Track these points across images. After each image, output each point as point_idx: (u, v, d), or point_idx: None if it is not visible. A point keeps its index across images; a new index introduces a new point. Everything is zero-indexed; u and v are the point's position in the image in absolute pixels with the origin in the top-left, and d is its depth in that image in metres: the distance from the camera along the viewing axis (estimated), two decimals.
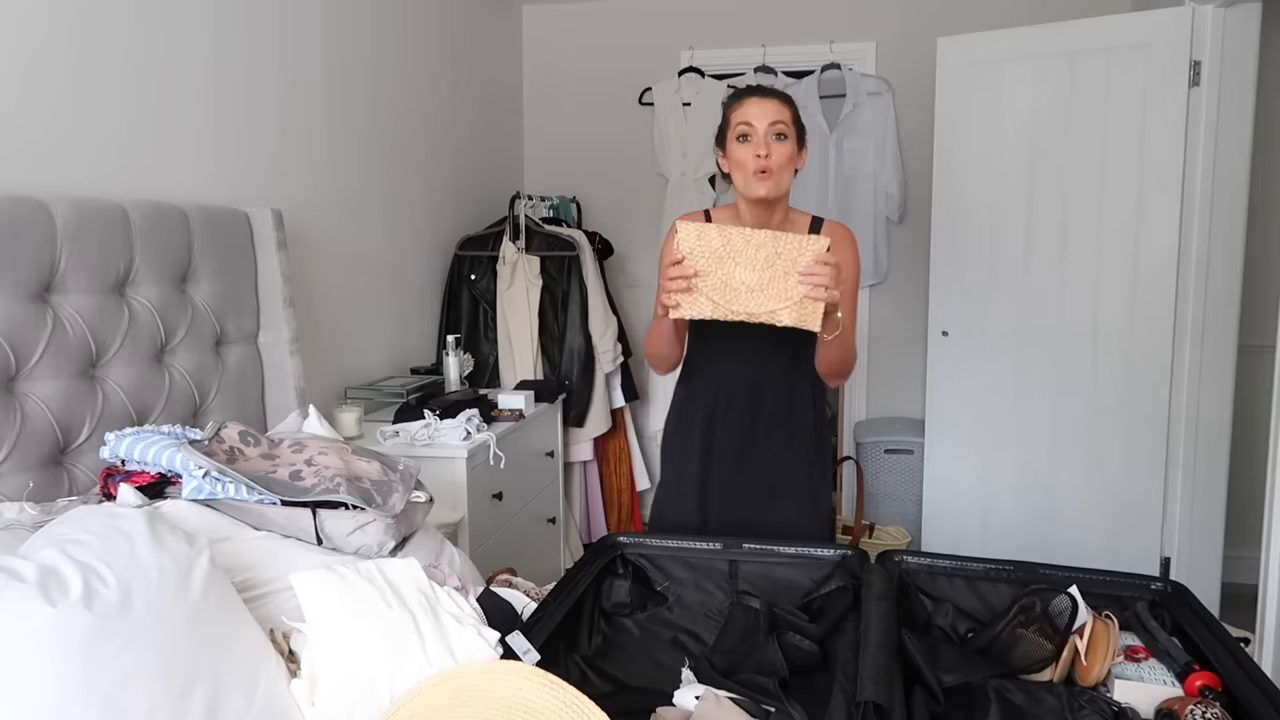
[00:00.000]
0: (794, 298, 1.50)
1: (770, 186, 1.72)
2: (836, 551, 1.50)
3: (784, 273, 1.51)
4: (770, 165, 1.71)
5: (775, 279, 1.51)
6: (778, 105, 1.74)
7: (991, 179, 3.23)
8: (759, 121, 1.72)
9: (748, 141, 1.73)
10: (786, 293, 1.51)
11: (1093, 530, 3.14)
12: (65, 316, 1.64)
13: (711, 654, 1.34)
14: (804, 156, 1.81)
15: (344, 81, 2.79)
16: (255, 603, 1.32)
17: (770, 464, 1.87)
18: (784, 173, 1.74)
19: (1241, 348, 2.98)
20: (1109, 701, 1.18)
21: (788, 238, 1.53)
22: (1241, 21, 2.80)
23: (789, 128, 1.74)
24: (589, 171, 4.13)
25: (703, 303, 1.53)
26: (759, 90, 1.78)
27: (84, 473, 1.66)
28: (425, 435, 2.47)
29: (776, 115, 1.73)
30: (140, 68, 1.99)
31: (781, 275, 1.51)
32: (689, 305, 1.54)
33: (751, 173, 1.72)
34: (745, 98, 1.77)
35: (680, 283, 1.52)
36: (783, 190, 1.76)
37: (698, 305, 1.54)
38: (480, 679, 1.09)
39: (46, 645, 0.95)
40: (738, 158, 1.75)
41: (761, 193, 1.72)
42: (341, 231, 2.80)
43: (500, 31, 3.98)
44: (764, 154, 1.70)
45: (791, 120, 1.75)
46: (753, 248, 1.51)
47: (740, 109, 1.75)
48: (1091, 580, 1.40)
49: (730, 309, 1.53)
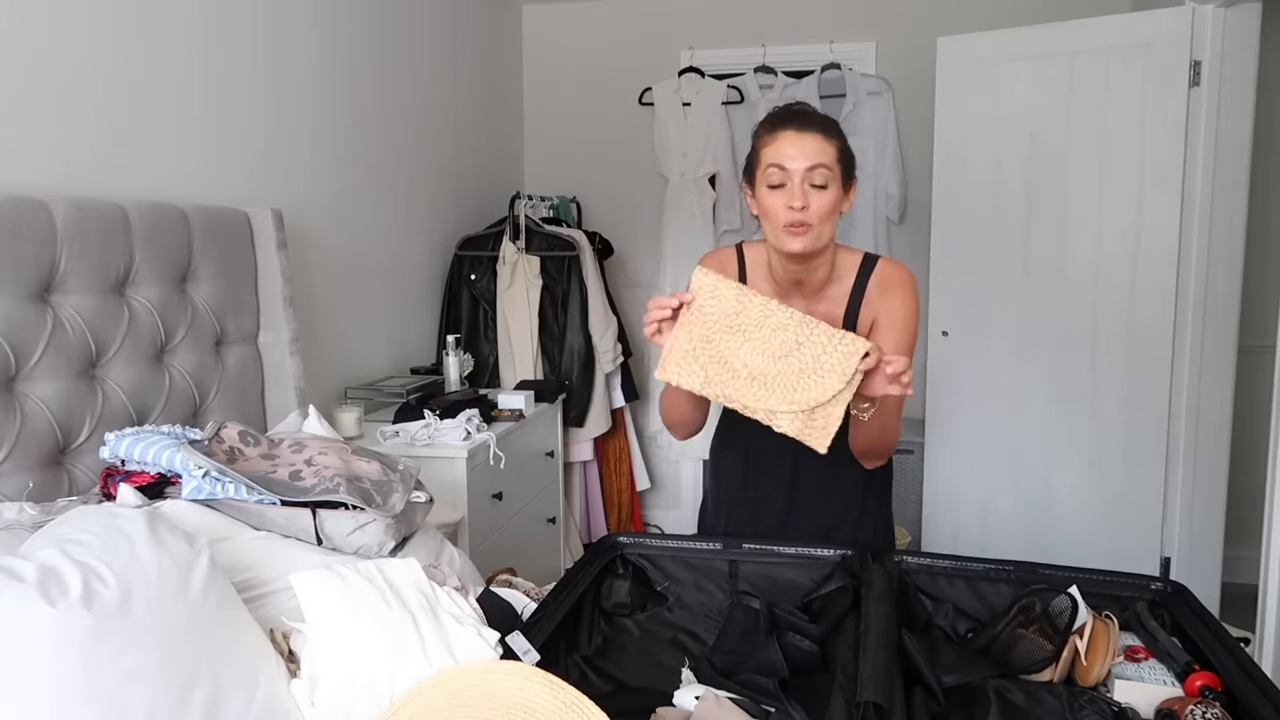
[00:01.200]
0: (801, 403, 1.24)
1: (807, 242, 1.41)
2: (836, 552, 1.50)
3: (799, 370, 1.25)
4: (807, 218, 1.40)
5: (786, 375, 1.25)
6: (819, 142, 1.40)
7: (991, 179, 3.23)
8: (795, 164, 1.39)
9: (780, 188, 1.41)
10: (795, 394, 1.24)
11: (1093, 530, 3.14)
12: (65, 316, 1.64)
13: (711, 654, 1.34)
14: (852, 196, 1.47)
15: (344, 82, 2.79)
16: (255, 603, 1.32)
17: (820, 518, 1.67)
18: (825, 224, 1.42)
19: (1241, 348, 2.98)
20: (1109, 701, 1.18)
21: (818, 329, 1.25)
22: (1241, 21, 2.80)
23: (832, 170, 1.40)
24: (589, 171, 4.13)
25: (693, 371, 1.28)
26: (796, 120, 1.42)
27: (84, 473, 1.66)
28: (425, 435, 2.47)
29: (817, 157, 1.39)
30: (141, 68, 1.99)
31: (795, 372, 1.25)
32: (676, 367, 1.28)
33: (782, 226, 1.41)
34: (779, 130, 1.42)
35: (656, 313, 1.29)
36: (823, 244, 1.44)
37: (687, 371, 1.28)
38: (480, 679, 1.09)
39: (46, 645, 0.95)
40: (768, 206, 1.43)
41: (796, 249, 1.42)
42: (341, 231, 2.80)
43: (500, 31, 3.98)
44: (799, 205, 1.39)
45: (837, 158, 1.41)
46: (768, 329, 1.26)
47: (772, 145, 1.42)
48: (1091, 580, 1.40)
49: (721, 391, 1.27)
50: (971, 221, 3.28)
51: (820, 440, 1.26)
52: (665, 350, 1.31)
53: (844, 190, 1.44)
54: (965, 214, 3.29)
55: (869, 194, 3.78)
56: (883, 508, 1.72)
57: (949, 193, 3.32)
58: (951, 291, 3.34)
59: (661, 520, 4.15)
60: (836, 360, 1.24)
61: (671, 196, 3.96)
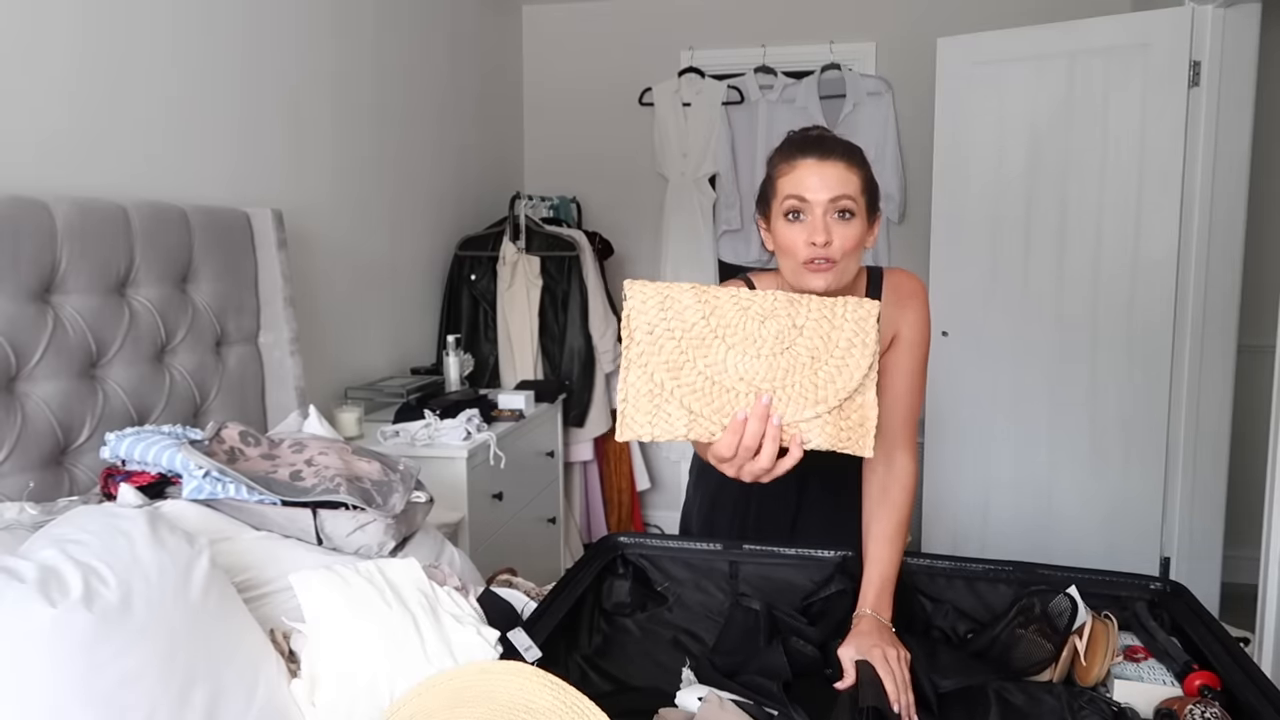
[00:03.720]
0: (829, 399, 1.01)
1: (830, 280, 1.27)
2: (837, 553, 1.50)
3: (810, 358, 1.01)
4: (831, 254, 1.26)
5: (796, 369, 1.01)
6: (842, 172, 1.27)
7: (991, 179, 3.23)
8: (816, 195, 1.26)
9: (799, 221, 1.28)
10: (816, 389, 1.00)
11: (1092, 530, 3.14)
12: (65, 317, 1.64)
13: (712, 655, 1.34)
14: (876, 230, 1.35)
15: (344, 82, 2.79)
16: (255, 603, 1.32)
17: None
18: (849, 260, 1.29)
19: (1241, 348, 2.99)
20: (1108, 702, 1.18)
21: (813, 302, 1.04)
22: (1241, 21, 2.80)
23: (857, 201, 1.28)
24: (589, 171, 4.13)
25: (668, 414, 1.00)
26: (817, 147, 1.29)
27: (84, 473, 1.66)
28: (425, 435, 2.47)
29: (841, 187, 1.27)
30: (142, 68, 1.99)
31: (808, 361, 1.01)
32: (644, 418, 1.00)
33: (803, 263, 1.28)
34: (798, 158, 1.29)
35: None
36: (846, 281, 1.31)
37: (660, 418, 1.00)
38: (480, 679, 1.09)
39: (46, 645, 0.95)
40: (785, 241, 1.29)
41: (819, 287, 1.27)
42: (342, 231, 2.80)
43: (500, 31, 3.98)
44: (821, 241, 1.25)
45: (861, 189, 1.29)
46: (753, 322, 1.01)
47: (791, 175, 1.29)
48: (1091, 580, 1.40)
49: (718, 422, 1.01)
50: (971, 221, 3.29)
51: (863, 442, 1.03)
52: (620, 402, 1.04)
53: (869, 224, 1.32)
54: (965, 214, 3.30)
55: None
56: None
57: (949, 193, 3.33)
58: (951, 291, 3.34)
59: (661, 520, 4.15)
60: (851, 329, 1.02)
61: (671, 196, 3.96)
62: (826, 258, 1.26)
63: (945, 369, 3.39)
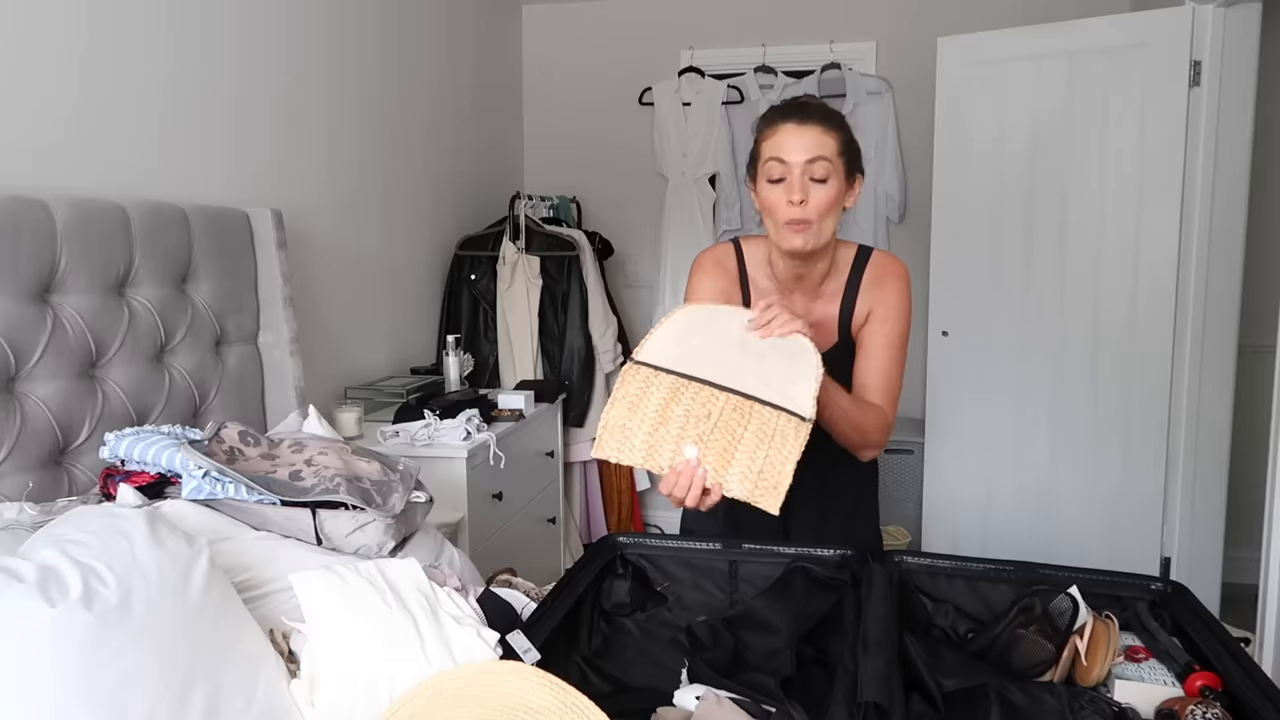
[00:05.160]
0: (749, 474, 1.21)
1: (807, 239, 1.39)
2: (836, 552, 1.50)
3: (749, 447, 1.23)
4: (807, 215, 1.38)
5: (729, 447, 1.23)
6: (819, 134, 1.37)
7: (991, 179, 3.23)
8: (794, 156, 1.37)
9: (780, 183, 1.39)
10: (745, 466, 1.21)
11: (1093, 530, 3.14)
12: (65, 317, 1.64)
13: (705, 653, 1.33)
14: (857, 190, 1.44)
15: (344, 82, 2.79)
16: (255, 603, 1.32)
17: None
18: (826, 220, 1.40)
19: (1241, 348, 2.98)
20: (1109, 702, 1.18)
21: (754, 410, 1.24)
22: (1241, 21, 2.80)
23: (834, 163, 1.37)
24: (589, 171, 4.13)
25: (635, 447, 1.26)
26: (796, 112, 1.39)
27: (84, 473, 1.66)
28: (425, 435, 2.47)
29: (817, 149, 1.36)
30: (140, 69, 1.99)
31: (742, 447, 1.23)
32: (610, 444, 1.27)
33: (783, 223, 1.40)
34: (778, 123, 1.40)
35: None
36: (824, 240, 1.42)
37: (626, 448, 1.26)
38: (480, 679, 1.09)
39: (46, 645, 0.95)
40: (768, 201, 1.41)
41: (796, 245, 1.40)
42: (341, 231, 2.80)
43: (500, 31, 3.98)
44: (798, 199, 1.36)
45: (838, 151, 1.38)
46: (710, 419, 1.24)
47: (772, 138, 1.40)
48: (1092, 580, 1.40)
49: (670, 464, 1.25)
50: (971, 221, 3.29)
51: (773, 502, 1.21)
52: (601, 428, 1.27)
53: (847, 184, 1.41)
54: (965, 213, 3.30)
55: (869, 194, 3.78)
56: (871, 505, 1.73)
57: (949, 192, 3.32)
58: (951, 291, 3.34)
59: (661, 520, 4.15)
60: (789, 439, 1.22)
61: (671, 196, 3.96)
62: (804, 219, 1.38)
63: (946, 369, 3.39)
